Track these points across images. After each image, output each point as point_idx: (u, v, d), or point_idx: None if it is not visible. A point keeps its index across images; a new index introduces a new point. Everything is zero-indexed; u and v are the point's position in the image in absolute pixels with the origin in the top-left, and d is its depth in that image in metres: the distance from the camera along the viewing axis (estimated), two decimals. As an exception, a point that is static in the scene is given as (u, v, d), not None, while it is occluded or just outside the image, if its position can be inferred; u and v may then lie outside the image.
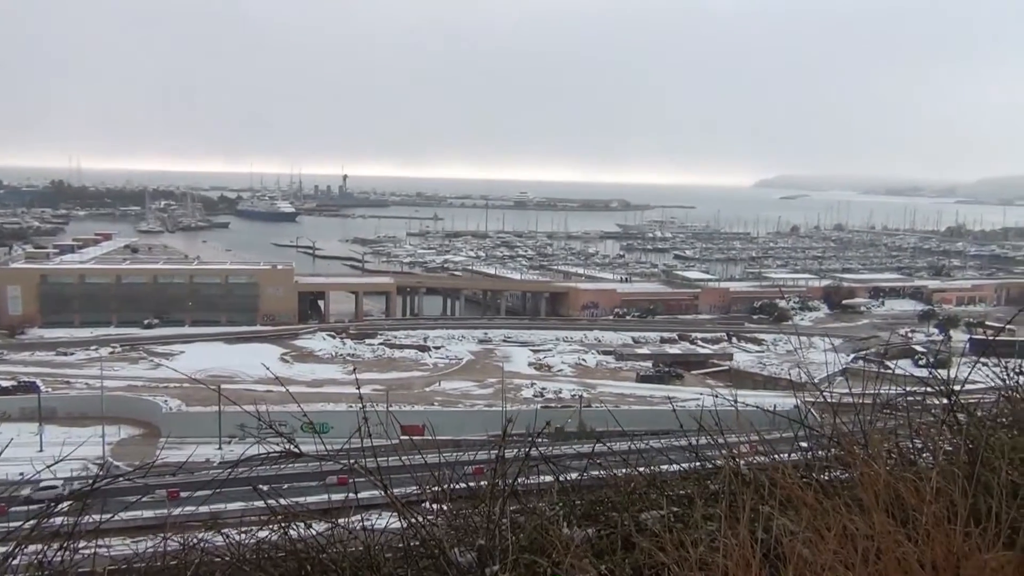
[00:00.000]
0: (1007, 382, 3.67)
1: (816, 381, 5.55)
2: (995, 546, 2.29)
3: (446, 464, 3.34)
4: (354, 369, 71.74)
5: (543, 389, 78.57)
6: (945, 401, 3.30)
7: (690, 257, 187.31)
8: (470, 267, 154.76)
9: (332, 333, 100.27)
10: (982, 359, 3.90)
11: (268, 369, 53.10)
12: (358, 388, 3.87)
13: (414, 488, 3.24)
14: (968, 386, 4.30)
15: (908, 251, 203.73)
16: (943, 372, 3.65)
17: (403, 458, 3.34)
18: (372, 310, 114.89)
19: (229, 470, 3.04)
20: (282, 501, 3.12)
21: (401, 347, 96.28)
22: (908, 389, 3.89)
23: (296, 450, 2.86)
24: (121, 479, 3.55)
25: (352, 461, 2.83)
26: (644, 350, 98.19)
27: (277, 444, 2.93)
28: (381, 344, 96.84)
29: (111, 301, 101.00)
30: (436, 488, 3.02)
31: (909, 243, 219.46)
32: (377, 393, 71.06)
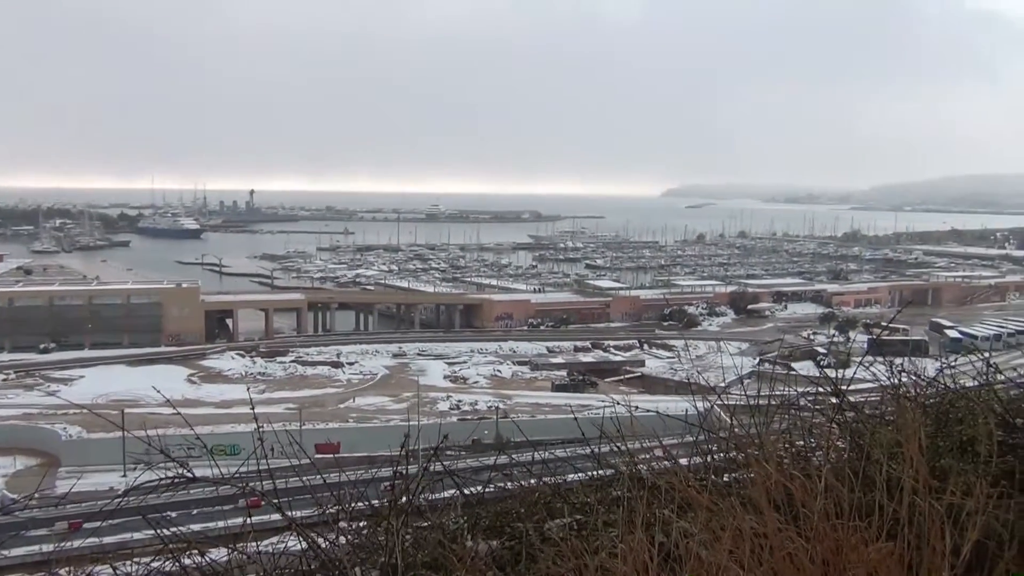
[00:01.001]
0: (893, 380, 3.83)
1: (724, 384, 5.69)
2: (879, 538, 2.39)
3: (356, 482, 3.29)
4: (248, 388, 69.88)
5: (459, 402, 78.39)
6: (835, 401, 3.43)
7: (601, 266, 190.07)
8: (383, 281, 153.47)
9: (241, 352, 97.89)
10: (877, 358, 4.06)
11: (159, 391, 51.28)
12: (252, 408, 3.77)
13: (318, 508, 3.17)
14: (860, 385, 4.50)
15: (808, 256, 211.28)
16: (840, 372, 3.80)
17: (306, 478, 3.27)
18: (283, 327, 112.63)
19: (119, 499, 2.92)
20: (179, 529, 3.01)
21: (314, 364, 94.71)
22: (803, 390, 4.02)
23: (190, 475, 2.77)
24: (16, 513, 3.37)
25: (245, 484, 2.76)
26: (559, 359, 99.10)
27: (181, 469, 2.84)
28: (293, 361, 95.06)
29: (3, 325, 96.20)
30: (338, 507, 2.96)
31: (809, 249, 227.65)
32: (290, 412, 69.71)
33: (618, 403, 3.48)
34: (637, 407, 3.51)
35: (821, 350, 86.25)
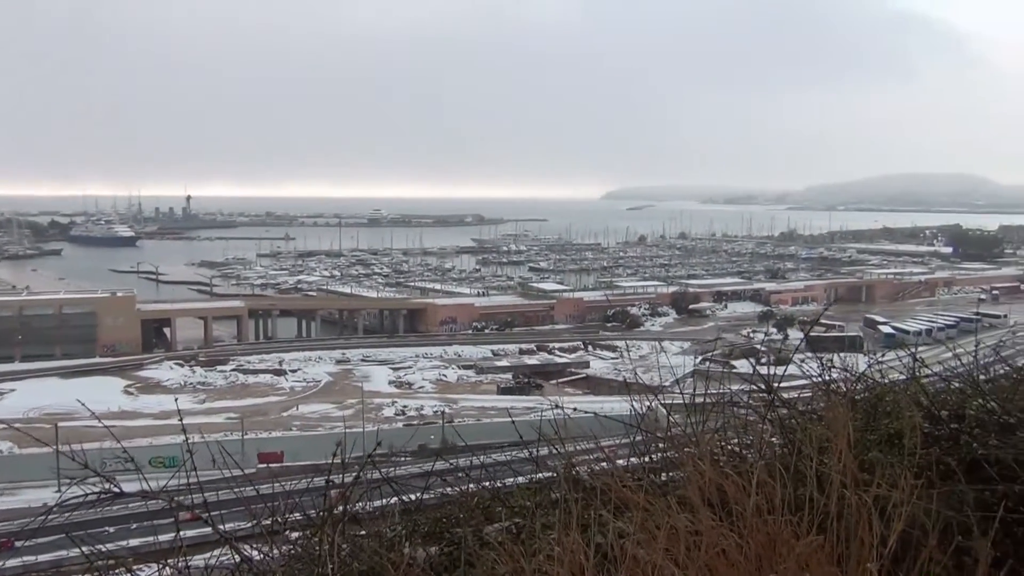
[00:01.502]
0: (824, 376, 3.92)
1: (665, 384, 5.75)
2: (810, 532, 2.44)
3: (292, 492, 3.24)
4: (176, 399, 68.32)
5: (405, 407, 77.94)
6: (767, 397, 3.50)
7: (544, 269, 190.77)
8: (325, 287, 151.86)
9: (180, 361, 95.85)
10: (813, 354, 4.15)
11: (84, 405, 49.69)
12: (180, 420, 3.68)
13: (254, 521, 3.11)
14: (795, 382, 4.59)
15: (746, 256, 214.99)
16: (775, 369, 3.87)
17: (240, 490, 3.21)
18: (223, 335, 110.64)
19: (43, 517, 2.83)
20: (110, 546, 2.93)
21: (255, 372, 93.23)
22: (738, 388, 4.08)
23: (117, 490, 2.69)
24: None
25: (172, 498, 2.69)
26: (504, 362, 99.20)
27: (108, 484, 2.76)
28: (234, 370, 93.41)
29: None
30: (272, 519, 2.91)
31: (747, 248, 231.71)
32: (232, 421, 68.51)
33: (556, 405, 3.49)
34: (576, 409, 3.52)
35: (760, 348, 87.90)
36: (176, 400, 66.70)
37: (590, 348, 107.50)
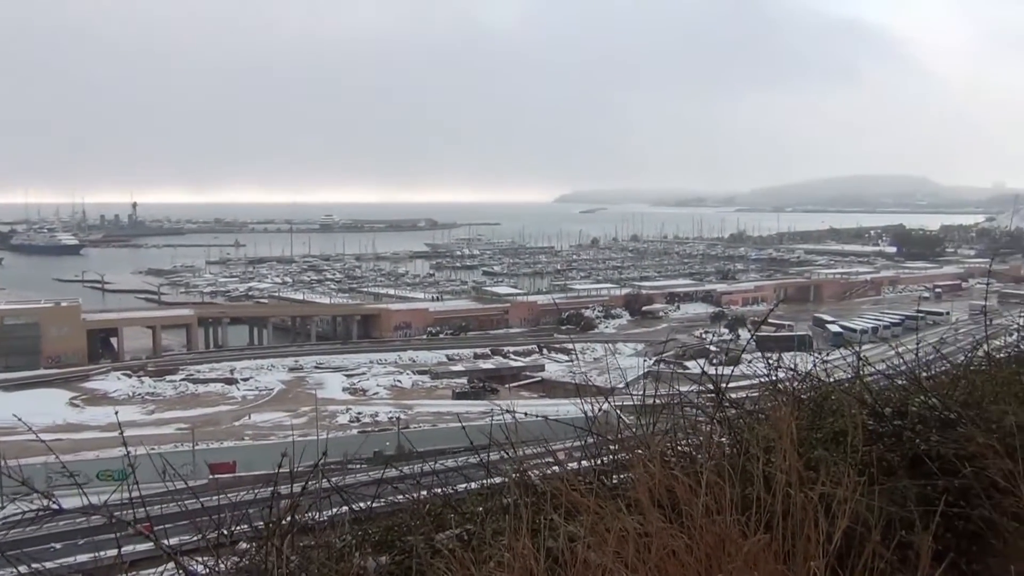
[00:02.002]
0: (771, 376, 3.97)
1: (618, 386, 5.78)
2: (757, 531, 2.47)
3: (240, 503, 3.19)
4: (116, 412, 66.84)
5: (359, 414, 77.31)
6: (716, 398, 3.54)
7: (498, 273, 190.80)
8: (277, 293, 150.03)
9: (128, 372, 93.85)
10: (763, 354, 4.20)
11: (20, 419, 48.07)
12: (121, 433, 3.60)
13: (200, 534, 3.05)
14: (744, 382, 4.65)
15: (698, 258, 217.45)
16: (725, 369, 3.91)
17: (187, 502, 3.15)
18: (172, 344, 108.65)
19: (-22, 536, 2.73)
20: (47, 564, 2.85)
21: (206, 381, 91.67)
22: (688, 389, 4.12)
23: (56, 506, 2.62)
24: None
25: (111, 514, 2.62)
26: (459, 367, 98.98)
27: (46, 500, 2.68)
28: (184, 379, 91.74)
29: None
30: (218, 531, 2.86)
31: (698, 250, 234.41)
32: (182, 432, 67.22)
33: (506, 410, 3.48)
34: (526, 413, 3.52)
35: (712, 348, 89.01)
36: (116, 413, 65.18)
37: (545, 351, 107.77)
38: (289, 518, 2.75)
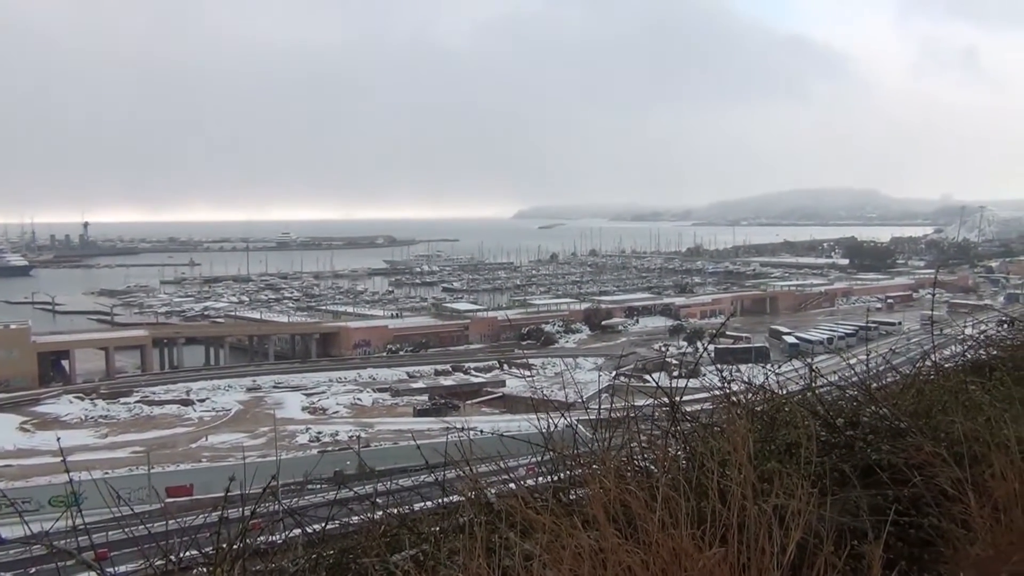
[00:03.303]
0: (725, 388, 4.00)
1: (579, 400, 5.78)
2: (712, 544, 2.48)
3: (188, 528, 3.11)
4: (59, 438, 65.33)
5: (319, 433, 76.45)
6: (671, 411, 3.55)
7: (458, 289, 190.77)
8: (233, 313, 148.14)
9: (80, 395, 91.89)
10: (719, 366, 4.23)
11: None
12: (63, 460, 3.50)
13: (146, 561, 2.97)
14: (700, 395, 4.68)
15: (656, 272, 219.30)
16: (679, 382, 3.92)
17: (131, 529, 3.06)
18: (126, 366, 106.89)
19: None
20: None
21: (161, 403, 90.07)
22: (643, 403, 4.12)
23: (-5, 537, 2.53)
24: None
25: (52, 543, 2.54)
26: (419, 384, 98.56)
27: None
28: (138, 402, 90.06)
29: None
30: (166, 558, 2.78)
31: (656, 264, 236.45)
32: (137, 455, 65.89)
33: (462, 428, 3.46)
34: (481, 430, 3.50)
35: (672, 361, 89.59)
36: (59, 439, 63.75)
37: (505, 367, 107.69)
38: (240, 542, 2.69)
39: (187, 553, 2.78)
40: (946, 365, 4.98)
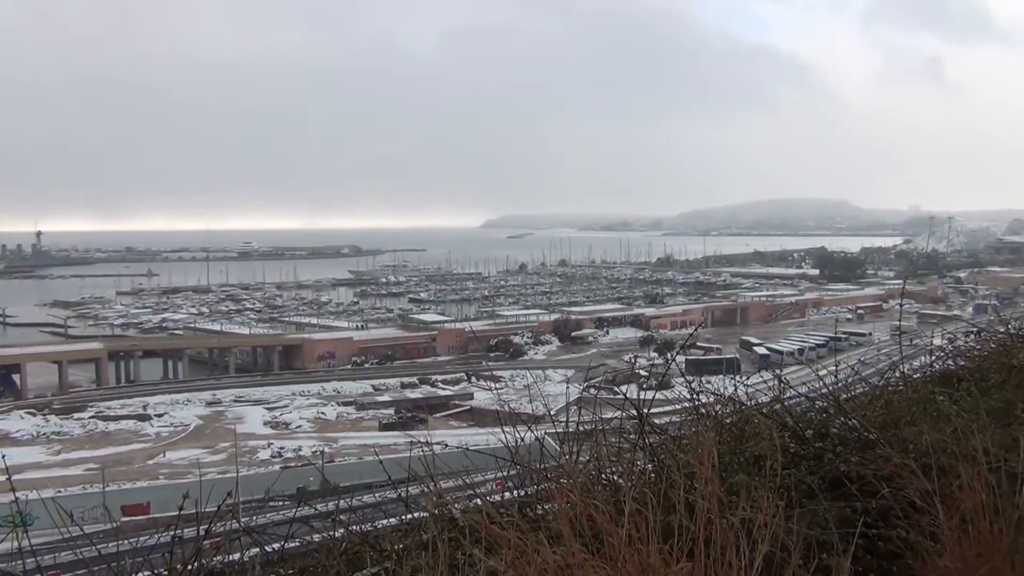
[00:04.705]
0: (694, 399, 4.02)
1: (547, 413, 5.77)
2: (680, 559, 2.48)
3: (138, 549, 3.05)
4: (3, 456, 64.09)
5: (281, 449, 75.71)
6: (639, 423, 3.56)
7: (425, 300, 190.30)
8: (192, 325, 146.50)
9: (32, 410, 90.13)
10: (689, 378, 4.25)
11: None
12: (8, 478, 3.43)
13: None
14: (667, 407, 4.69)
15: (625, 282, 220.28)
16: (646, 394, 3.94)
17: (83, 550, 3.00)
18: (80, 380, 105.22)
19: None
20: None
21: (117, 418, 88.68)
22: (610, 416, 4.14)
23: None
24: None
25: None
26: (385, 397, 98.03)
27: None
28: (93, 417, 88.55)
29: None
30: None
31: (626, 274, 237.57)
32: (92, 473, 64.78)
33: (424, 442, 3.45)
34: (446, 444, 3.49)
35: (642, 373, 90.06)
36: (3, 456, 62.44)
37: (473, 379, 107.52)
38: (194, 563, 2.65)
39: (139, 574, 2.73)
40: (915, 376, 5.06)
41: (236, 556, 2.97)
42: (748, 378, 4.30)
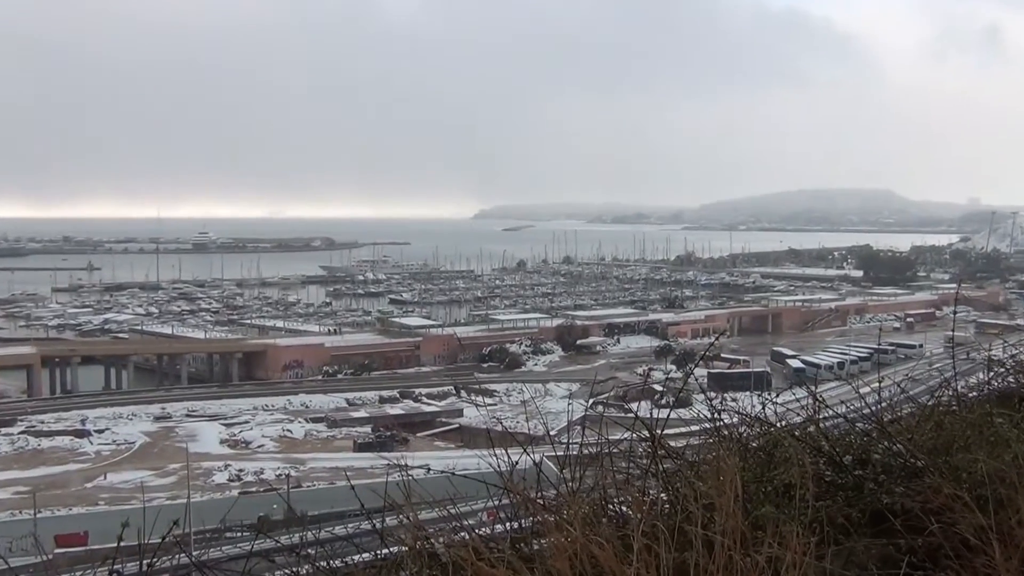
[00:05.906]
0: (715, 419, 4.03)
1: (548, 434, 5.79)
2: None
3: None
4: None
5: (240, 471, 75.87)
6: (651, 446, 3.56)
7: (408, 301, 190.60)
8: (139, 327, 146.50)
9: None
10: (717, 393, 4.27)
11: None
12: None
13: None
14: (686, 428, 4.70)
15: (640, 283, 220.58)
16: (659, 413, 3.94)
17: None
18: (8, 390, 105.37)
19: None
20: None
21: (51, 434, 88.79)
22: (619, 437, 4.14)
23: None
24: None
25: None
26: (361, 413, 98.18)
27: None
28: (23, 433, 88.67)
29: None
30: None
31: (640, 274, 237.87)
32: (21, 497, 64.85)
33: (402, 466, 3.45)
34: (428, 469, 3.50)
35: (658, 388, 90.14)
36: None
37: (463, 393, 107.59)
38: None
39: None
40: (970, 395, 5.06)
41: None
42: (779, 395, 4.30)
